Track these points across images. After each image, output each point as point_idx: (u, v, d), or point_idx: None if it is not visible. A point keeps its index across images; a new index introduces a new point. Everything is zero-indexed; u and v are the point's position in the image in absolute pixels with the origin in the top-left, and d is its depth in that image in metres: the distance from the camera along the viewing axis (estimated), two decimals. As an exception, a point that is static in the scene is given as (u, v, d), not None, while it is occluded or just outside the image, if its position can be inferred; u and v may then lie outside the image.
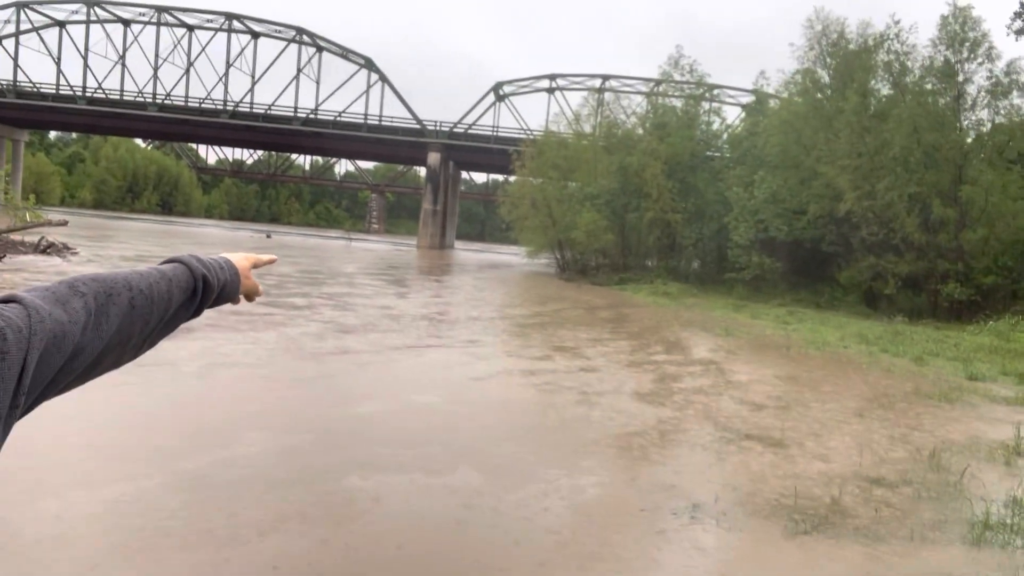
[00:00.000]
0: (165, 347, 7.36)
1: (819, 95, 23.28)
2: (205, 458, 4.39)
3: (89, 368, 0.81)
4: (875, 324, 15.77)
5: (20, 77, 49.14)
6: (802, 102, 23.43)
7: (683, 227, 27.17)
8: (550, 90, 50.46)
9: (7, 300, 0.74)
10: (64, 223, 19.30)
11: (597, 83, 48.41)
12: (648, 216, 27.13)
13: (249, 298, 1.12)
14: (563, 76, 50.68)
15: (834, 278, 21.72)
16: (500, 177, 61.45)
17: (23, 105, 48.47)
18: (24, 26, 48.95)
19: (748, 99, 34.70)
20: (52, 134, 76.54)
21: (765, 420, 6.56)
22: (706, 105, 32.09)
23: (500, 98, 49.97)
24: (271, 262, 1.16)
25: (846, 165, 19.84)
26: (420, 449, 5.01)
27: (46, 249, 16.63)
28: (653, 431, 5.95)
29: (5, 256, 14.86)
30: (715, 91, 34.00)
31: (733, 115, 38.98)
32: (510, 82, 50.68)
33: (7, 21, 48.66)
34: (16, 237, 17.00)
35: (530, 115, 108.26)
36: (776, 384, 8.50)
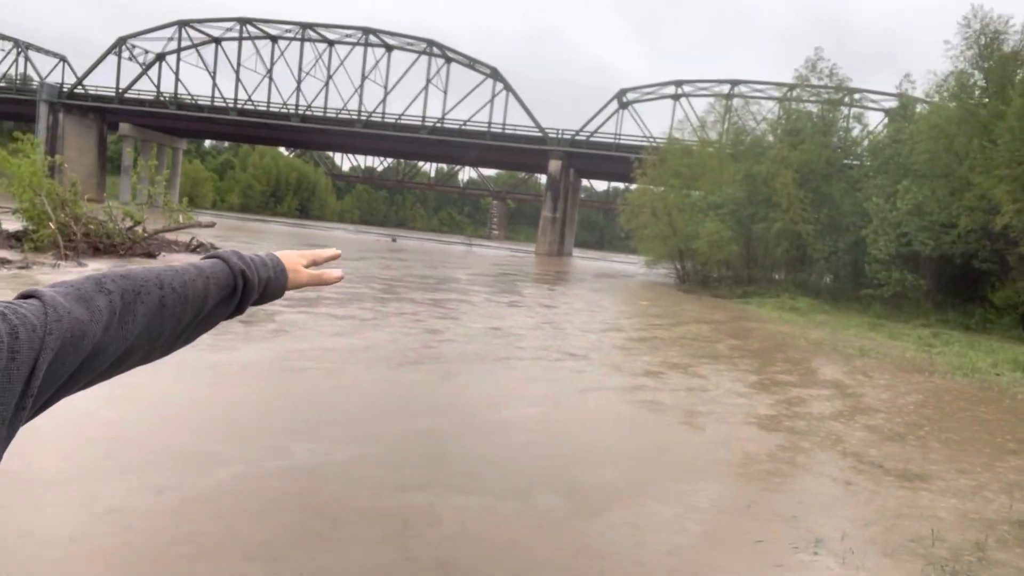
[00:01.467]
0: (248, 347, 7.52)
1: (973, 99, 21.35)
2: (267, 465, 4.24)
3: (113, 366, 0.80)
4: (1035, 351, 14.23)
5: (180, 90, 54.11)
6: (955, 106, 21.57)
7: (815, 239, 25.70)
8: (675, 96, 49.35)
9: (29, 296, 0.73)
10: (212, 225, 20.85)
11: (725, 89, 46.78)
12: (776, 227, 25.90)
13: (327, 283, 1.10)
14: (689, 82, 49.40)
15: (987, 298, 19.83)
16: (621, 185, 60.87)
17: (182, 116, 53.34)
18: (184, 43, 53.81)
19: (891, 104, 32.39)
20: (207, 143, 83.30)
21: (902, 451, 6.04)
22: (845, 110, 30.28)
23: (623, 105, 49.42)
24: (334, 257, 1.13)
25: (1005, 175, 18.05)
26: (510, 470, 4.90)
27: (196, 248, 18.05)
28: (773, 457, 5.61)
29: (160, 254, 16.27)
30: (856, 95, 31.82)
31: (875, 121, 36.53)
32: (634, 89, 49.99)
33: (170, 39, 53.72)
34: (170, 237, 18.56)
35: (654, 122, 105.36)
36: (916, 412, 7.83)
